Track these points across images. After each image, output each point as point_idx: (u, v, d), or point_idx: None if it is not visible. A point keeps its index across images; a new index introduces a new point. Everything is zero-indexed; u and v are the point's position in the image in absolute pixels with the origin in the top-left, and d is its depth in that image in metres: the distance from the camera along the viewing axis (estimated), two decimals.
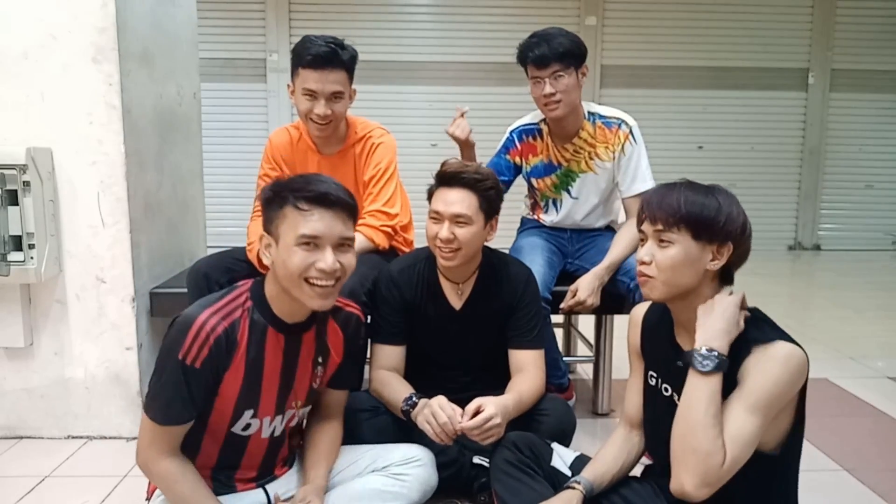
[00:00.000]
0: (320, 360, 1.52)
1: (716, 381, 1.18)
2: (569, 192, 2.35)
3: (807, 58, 6.65)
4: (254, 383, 1.40)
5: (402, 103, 6.41)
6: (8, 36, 2.03)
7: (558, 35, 2.13)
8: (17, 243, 1.98)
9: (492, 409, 1.57)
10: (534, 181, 2.39)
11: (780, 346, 1.18)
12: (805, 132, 6.74)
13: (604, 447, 1.49)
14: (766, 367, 1.17)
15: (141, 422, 1.38)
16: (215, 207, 4.69)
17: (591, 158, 2.27)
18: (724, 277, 1.31)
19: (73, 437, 2.20)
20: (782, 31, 6.60)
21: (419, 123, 6.36)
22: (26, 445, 2.15)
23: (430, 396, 1.69)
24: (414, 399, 1.69)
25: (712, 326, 1.21)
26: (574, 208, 2.37)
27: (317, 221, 1.33)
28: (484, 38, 6.44)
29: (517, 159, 2.37)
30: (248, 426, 1.44)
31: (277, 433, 1.50)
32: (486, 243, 1.85)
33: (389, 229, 2.13)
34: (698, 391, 1.18)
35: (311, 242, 1.33)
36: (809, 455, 2.15)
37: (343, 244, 1.37)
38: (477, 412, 1.57)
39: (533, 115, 2.36)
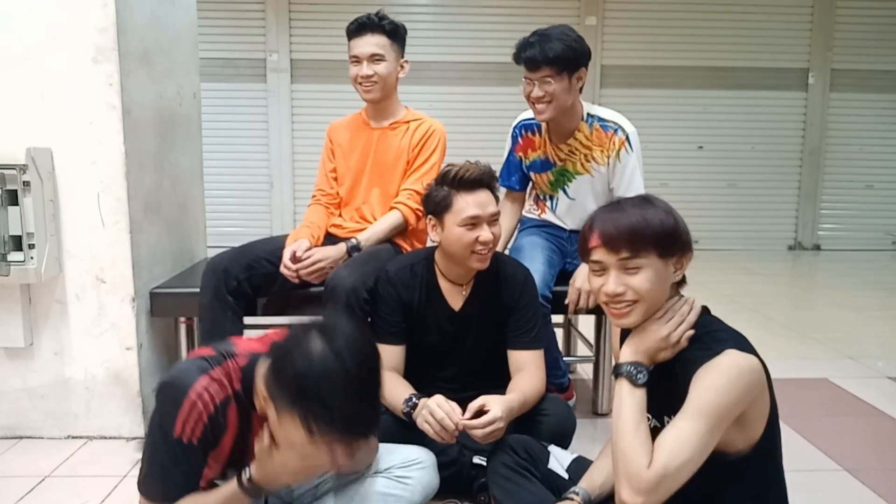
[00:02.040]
0: None
1: (642, 392, 1.22)
2: (565, 192, 2.36)
3: (807, 58, 6.64)
4: (241, 457, 1.32)
5: (403, 103, 6.41)
6: (8, 36, 2.03)
7: (556, 38, 2.08)
8: (17, 243, 1.98)
9: (497, 410, 1.57)
10: (533, 175, 2.42)
11: (724, 357, 1.16)
12: (805, 132, 6.74)
13: (601, 456, 1.48)
14: (707, 378, 1.16)
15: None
16: (215, 207, 4.69)
17: (587, 161, 2.26)
18: (681, 282, 1.31)
19: (73, 437, 2.20)
20: (782, 31, 6.60)
21: None
22: (26, 445, 2.15)
23: (430, 396, 1.69)
24: (414, 400, 1.69)
25: (644, 342, 1.25)
26: (573, 210, 2.38)
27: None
28: (484, 38, 6.44)
29: (520, 154, 2.41)
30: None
31: None
32: None
33: (420, 213, 2.19)
34: (628, 399, 1.22)
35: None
36: (809, 455, 2.15)
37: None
38: (480, 411, 1.58)
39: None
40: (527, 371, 1.82)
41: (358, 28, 2.21)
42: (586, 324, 2.73)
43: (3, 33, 2.02)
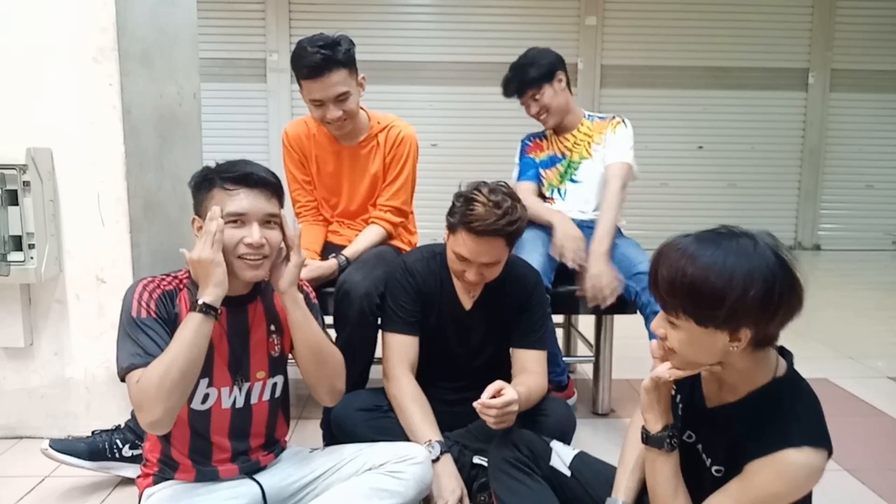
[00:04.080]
0: (273, 328, 1.56)
1: (675, 455, 1.21)
2: (573, 179, 2.50)
3: (807, 58, 6.65)
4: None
5: (403, 103, 6.41)
6: (8, 36, 2.02)
7: (526, 64, 2.43)
8: (17, 243, 1.98)
9: (513, 393, 1.55)
10: (542, 171, 2.56)
11: (799, 459, 1.06)
12: (805, 132, 6.74)
13: (627, 451, 1.42)
14: (771, 476, 1.07)
15: (128, 390, 1.36)
16: None
17: (589, 147, 2.47)
18: (762, 343, 1.11)
19: (74, 438, 2.19)
20: (782, 31, 6.60)
21: (420, 123, 6.28)
22: (26, 445, 2.14)
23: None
24: (439, 448, 1.68)
25: (657, 405, 1.22)
26: (579, 192, 2.48)
27: (242, 199, 1.42)
28: (484, 38, 6.44)
29: (531, 155, 2.58)
30: (206, 397, 1.47)
31: (240, 404, 1.51)
32: None
33: (401, 225, 2.29)
34: (663, 468, 1.21)
35: (239, 220, 1.42)
36: None
37: (269, 221, 1.45)
38: (497, 393, 1.56)
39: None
40: (530, 370, 1.82)
41: (316, 71, 1.96)
42: (586, 324, 2.72)
43: (3, 33, 2.02)
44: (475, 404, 1.54)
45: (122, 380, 1.37)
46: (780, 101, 6.69)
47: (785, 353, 1.21)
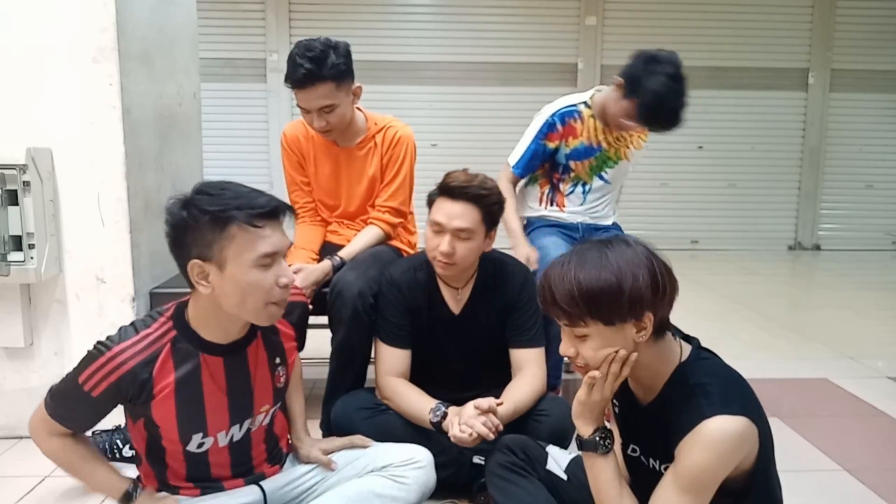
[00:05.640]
0: (278, 360, 1.49)
1: (612, 456, 1.23)
2: (602, 177, 2.44)
3: (807, 58, 6.64)
4: (193, 410, 1.36)
5: (403, 103, 6.40)
6: (8, 36, 2.02)
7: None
8: (17, 243, 1.98)
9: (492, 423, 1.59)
10: (571, 163, 2.41)
11: (713, 426, 1.09)
12: (805, 132, 6.74)
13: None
14: (693, 452, 1.10)
15: (35, 413, 1.38)
16: None
17: (627, 147, 2.41)
18: (659, 331, 1.18)
19: None
20: (782, 31, 6.60)
21: (420, 124, 6.32)
22: (26, 445, 2.14)
23: (442, 400, 1.71)
24: (443, 409, 1.69)
25: (592, 411, 1.23)
26: (603, 190, 2.46)
27: (271, 236, 1.27)
28: (484, 38, 6.44)
29: (556, 142, 2.37)
30: (201, 444, 1.41)
31: (237, 438, 1.45)
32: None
33: (399, 226, 2.27)
34: (604, 470, 1.22)
35: (270, 259, 1.28)
36: (809, 455, 2.15)
37: (285, 255, 1.34)
38: (489, 409, 1.59)
39: (573, 98, 2.43)
40: (527, 370, 1.82)
41: (299, 83, 1.98)
42: None
43: (3, 33, 2.02)
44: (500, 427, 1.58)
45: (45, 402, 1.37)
46: (780, 101, 6.69)
47: (689, 339, 1.26)
